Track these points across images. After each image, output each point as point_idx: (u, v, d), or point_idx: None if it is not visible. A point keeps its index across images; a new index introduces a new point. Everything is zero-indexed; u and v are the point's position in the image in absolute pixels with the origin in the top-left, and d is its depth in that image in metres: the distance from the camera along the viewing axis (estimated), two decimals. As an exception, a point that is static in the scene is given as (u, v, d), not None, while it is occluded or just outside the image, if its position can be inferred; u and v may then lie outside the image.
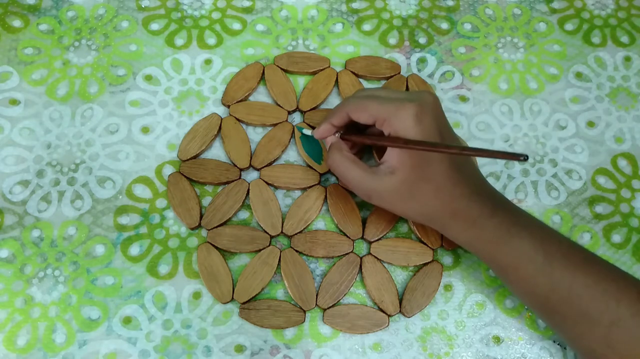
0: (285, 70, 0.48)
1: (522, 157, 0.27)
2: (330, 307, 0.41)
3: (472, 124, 0.47)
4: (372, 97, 0.37)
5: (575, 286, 0.34)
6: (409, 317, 0.41)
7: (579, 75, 0.49)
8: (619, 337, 0.33)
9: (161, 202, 0.43)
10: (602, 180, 0.46)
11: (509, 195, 0.45)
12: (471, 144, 0.46)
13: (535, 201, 0.45)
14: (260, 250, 0.42)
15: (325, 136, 0.40)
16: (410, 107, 0.35)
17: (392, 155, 0.36)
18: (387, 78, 0.48)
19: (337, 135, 0.40)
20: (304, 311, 0.41)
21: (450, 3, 0.52)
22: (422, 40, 0.50)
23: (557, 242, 0.36)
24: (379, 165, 0.37)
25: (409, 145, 0.34)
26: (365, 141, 0.39)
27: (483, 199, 0.36)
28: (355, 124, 0.39)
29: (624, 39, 0.51)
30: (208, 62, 0.48)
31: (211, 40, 0.49)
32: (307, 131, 0.44)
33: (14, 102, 0.46)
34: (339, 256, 0.42)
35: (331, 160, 0.38)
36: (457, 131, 0.47)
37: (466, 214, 0.36)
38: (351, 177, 0.37)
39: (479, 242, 0.36)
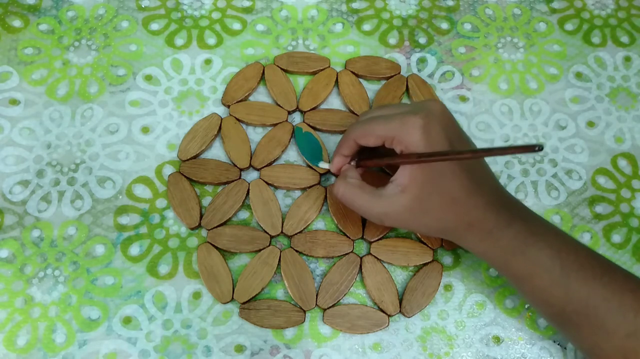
0: (285, 70, 0.48)
1: (536, 148, 0.26)
2: (330, 307, 0.41)
3: (472, 124, 0.47)
4: (376, 118, 0.36)
5: (591, 298, 0.33)
6: (409, 317, 0.41)
7: (579, 75, 0.49)
8: (635, 348, 0.33)
9: (161, 202, 0.43)
10: (602, 180, 0.46)
11: (509, 195, 0.45)
12: (471, 144, 0.46)
13: (535, 201, 0.45)
14: (260, 250, 0.42)
15: (340, 167, 0.39)
16: (415, 120, 0.34)
17: (403, 173, 0.35)
18: (387, 78, 0.48)
19: (352, 163, 0.39)
20: (304, 311, 0.41)
21: (450, 3, 0.52)
22: (422, 40, 0.50)
23: (574, 252, 0.35)
24: (386, 186, 0.36)
25: (421, 159, 0.33)
26: (381, 163, 0.38)
27: (499, 209, 0.35)
28: (366, 146, 0.38)
29: (624, 39, 0.51)
30: (208, 62, 0.48)
31: (211, 40, 0.49)
32: (325, 164, 0.43)
33: (14, 102, 0.46)
34: (339, 256, 0.42)
35: (336, 190, 0.37)
36: (457, 131, 0.47)
37: (482, 225, 0.35)
38: (359, 205, 0.36)
39: (495, 252, 0.36)
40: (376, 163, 0.39)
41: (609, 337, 0.33)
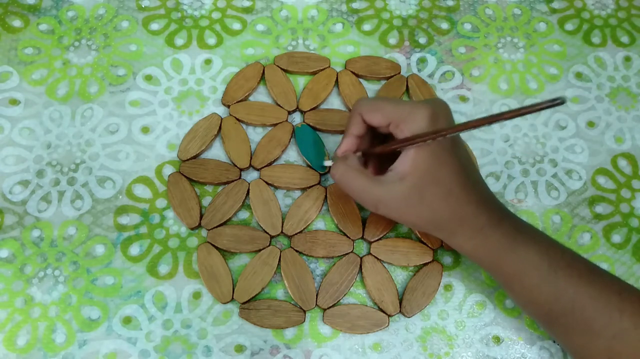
0: (285, 70, 0.48)
1: (558, 101, 0.26)
2: (330, 307, 0.41)
3: (472, 124, 0.47)
4: (385, 99, 0.37)
5: (579, 296, 0.34)
6: (409, 317, 0.41)
7: (579, 75, 0.49)
8: (621, 349, 0.33)
9: (161, 202, 0.43)
10: (602, 180, 0.46)
11: (509, 195, 0.45)
12: (471, 144, 0.46)
13: (535, 201, 0.45)
14: (260, 250, 0.42)
15: (349, 150, 0.38)
16: (424, 109, 0.34)
17: (405, 160, 0.35)
18: (387, 78, 0.48)
19: (357, 154, 0.39)
20: (304, 311, 0.41)
21: (450, 3, 0.52)
22: (422, 40, 0.50)
23: (561, 252, 0.36)
24: (385, 174, 0.36)
25: (438, 134, 0.32)
26: (388, 148, 0.37)
27: (490, 207, 0.36)
28: (371, 140, 0.38)
29: (624, 39, 0.51)
30: (208, 62, 0.48)
31: (211, 40, 0.49)
32: (328, 162, 0.42)
33: (14, 102, 0.46)
34: (339, 256, 0.42)
35: (334, 170, 0.37)
36: (457, 131, 0.47)
37: (473, 222, 0.35)
38: (356, 186, 0.36)
39: (485, 250, 0.36)
40: (383, 148, 0.37)
41: (596, 338, 0.33)
